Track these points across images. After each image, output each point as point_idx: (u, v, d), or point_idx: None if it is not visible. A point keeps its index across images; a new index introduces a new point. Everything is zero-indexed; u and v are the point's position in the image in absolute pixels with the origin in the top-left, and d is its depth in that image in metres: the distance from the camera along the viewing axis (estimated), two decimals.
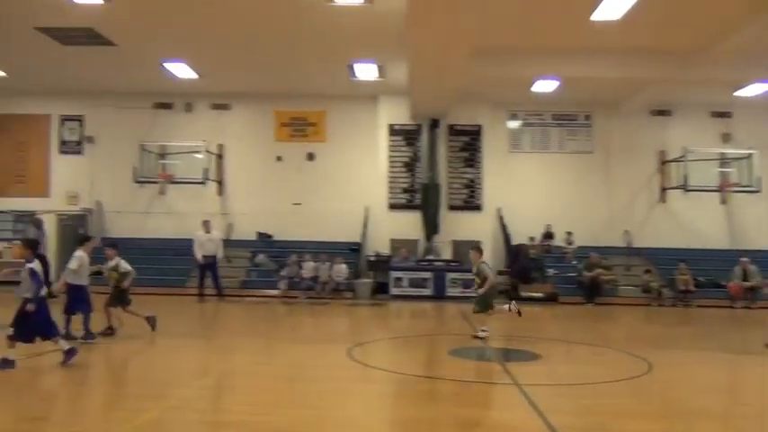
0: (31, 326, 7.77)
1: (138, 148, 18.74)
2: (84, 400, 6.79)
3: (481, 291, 10.54)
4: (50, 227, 19.38)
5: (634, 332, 13.27)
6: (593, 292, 17.01)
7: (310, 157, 20.24)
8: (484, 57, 14.85)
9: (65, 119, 20.67)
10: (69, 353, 7.84)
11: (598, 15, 12.89)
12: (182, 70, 17.42)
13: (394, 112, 19.66)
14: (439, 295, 17.42)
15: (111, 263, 10.72)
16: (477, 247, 11.20)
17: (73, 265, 9.68)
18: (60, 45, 15.27)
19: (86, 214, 20.27)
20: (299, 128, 20.39)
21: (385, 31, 13.89)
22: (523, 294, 17.32)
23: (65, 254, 19.57)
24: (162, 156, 19.19)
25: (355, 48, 15.39)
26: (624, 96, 18.94)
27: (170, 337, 10.90)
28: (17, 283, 7.95)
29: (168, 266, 18.01)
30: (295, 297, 16.90)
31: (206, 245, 16.35)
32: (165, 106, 20.32)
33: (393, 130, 19.79)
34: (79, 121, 20.63)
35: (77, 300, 9.78)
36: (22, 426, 5.68)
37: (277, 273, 17.71)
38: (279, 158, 20.25)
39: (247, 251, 19.25)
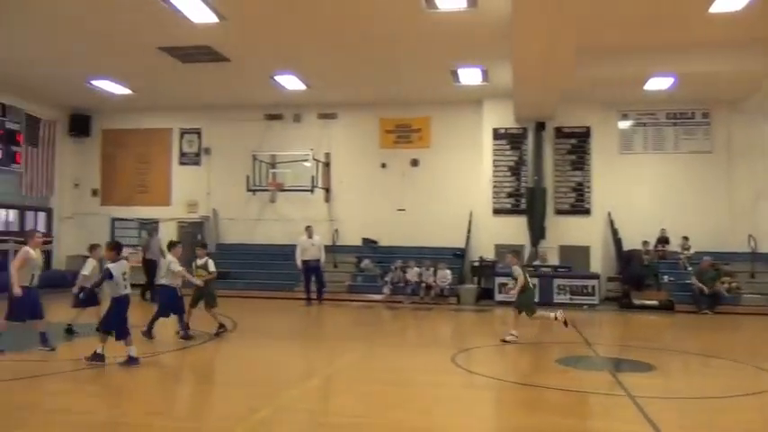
0: (111, 322, 8.30)
1: (250, 158, 19.61)
2: (199, 397, 7.19)
3: (513, 292, 11.27)
4: (171, 233, 20.81)
5: (759, 344, 12.35)
6: (712, 300, 15.98)
7: (414, 163, 20.38)
8: (592, 56, 14.39)
9: (184, 132, 21.99)
10: (132, 360, 8.25)
11: (717, 7, 12.16)
12: (291, 82, 18.08)
13: (498, 116, 19.42)
14: (546, 302, 16.95)
15: (201, 261, 11.33)
16: (514, 251, 12.06)
17: (163, 270, 10.60)
18: (180, 63, 16.26)
19: (203, 221, 21.44)
20: (404, 134, 20.59)
21: (489, 35, 13.77)
22: (636, 302, 16.58)
23: (185, 256, 20.89)
24: (272, 165, 19.99)
25: (459, 53, 15.36)
26: (746, 92, 17.70)
27: (277, 339, 11.33)
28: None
29: (278, 271, 18.70)
30: (399, 302, 17.05)
31: (309, 250, 16.77)
32: (276, 117, 21.15)
33: (497, 134, 19.55)
34: (197, 133, 21.89)
35: (169, 300, 10.50)
36: (147, 419, 6.10)
37: (381, 278, 17.94)
38: (383, 165, 20.52)
39: (353, 256, 19.64)
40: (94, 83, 18.43)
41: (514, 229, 18.95)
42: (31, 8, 12.91)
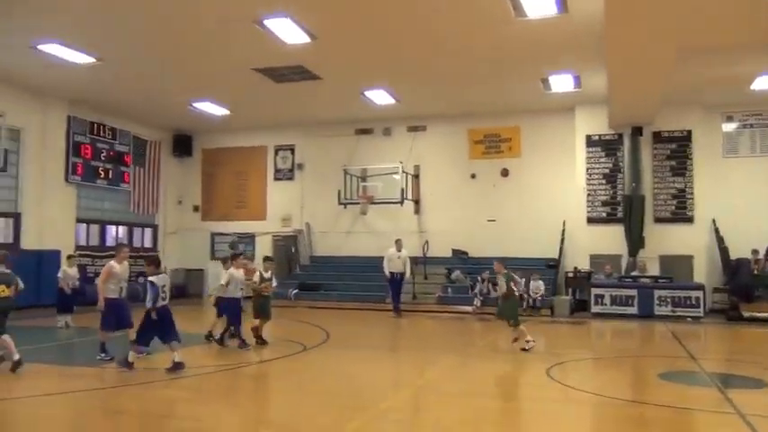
0: (154, 332, 8.73)
1: (341, 172, 20.02)
2: (295, 406, 7.34)
3: (500, 300, 11.33)
4: (267, 247, 21.58)
5: None
6: None
7: (504, 173, 20.13)
8: (692, 57, 13.73)
9: (278, 149, 22.75)
10: (177, 366, 8.59)
11: None
12: (380, 97, 18.35)
13: (591, 123, 18.87)
14: (645, 314, 16.27)
15: (267, 274, 11.53)
16: (500, 258, 12.18)
17: (223, 281, 10.84)
18: (274, 83, 16.87)
19: (297, 235, 22.05)
20: (493, 144, 20.40)
21: (581, 40, 13.45)
22: (746, 314, 15.60)
23: (280, 270, 21.64)
24: (363, 178, 20.32)
25: (550, 60, 15.08)
26: None
27: (368, 349, 11.45)
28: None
29: (369, 283, 18.93)
30: (491, 314, 16.79)
31: (395, 262, 17.03)
32: (366, 131, 21.52)
33: (591, 141, 19.00)
34: (291, 150, 22.59)
35: (227, 311, 10.81)
36: (248, 427, 6.32)
37: (472, 289, 17.78)
38: (473, 176, 20.40)
39: (443, 268, 19.59)
40: (195, 105, 19.44)
41: (611, 239, 18.32)
42: (137, 41, 13.83)
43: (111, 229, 21.22)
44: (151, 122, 21.68)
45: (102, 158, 20.02)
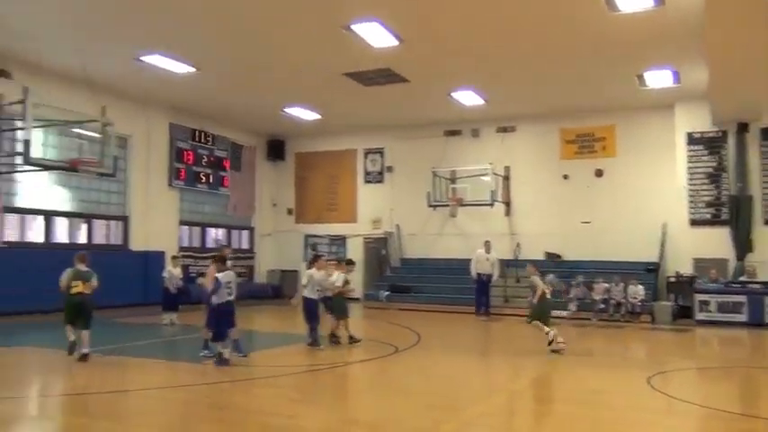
0: (226, 324, 9.17)
1: (430, 175, 19.99)
2: (386, 407, 7.39)
3: (534, 300, 11.29)
4: (358, 249, 21.92)
5: None
6: None
7: (599, 173, 19.48)
8: None
9: (368, 152, 23.03)
10: (222, 361, 8.96)
11: None
12: (469, 98, 18.21)
13: (692, 120, 17.93)
14: (756, 322, 15.27)
15: (350, 276, 11.96)
16: (533, 262, 12.76)
17: (303, 281, 11.19)
18: (363, 87, 17.10)
19: (387, 237, 22.23)
20: (586, 144, 19.79)
21: (680, 33, 12.83)
22: None
23: (370, 271, 21.99)
24: (452, 180, 20.23)
25: (646, 55, 14.48)
26: None
27: (459, 352, 11.38)
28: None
29: (458, 285, 18.78)
30: (586, 319, 16.31)
31: (483, 263, 17.01)
32: (455, 133, 21.41)
33: (692, 139, 18.05)
34: (380, 153, 22.82)
35: (306, 311, 11.06)
36: (343, 427, 6.42)
37: (566, 294, 17.29)
38: (565, 177, 19.87)
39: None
40: (288, 110, 20.00)
41: (716, 242, 17.33)
42: (232, 51, 14.39)
43: (211, 232, 22.17)
44: (246, 128, 22.50)
45: (203, 164, 20.97)
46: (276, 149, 23.93)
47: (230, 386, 8.17)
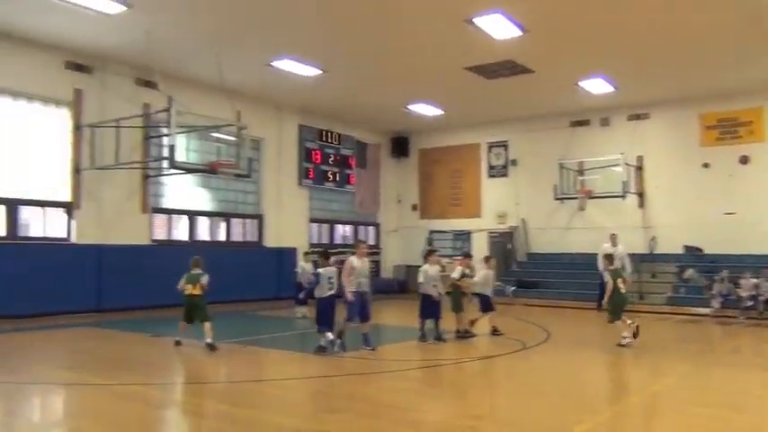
0: (331, 314, 9.72)
1: (557, 167, 19.42)
2: (518, 404, 7.29)
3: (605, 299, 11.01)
4: (482, 244, 21.73)
5: None
6: None
7: (744, 160, 18.03)
8: None
9: (491, 145, 22.76)
10: (321, 349, 9.58)
11: None
12: (597, 86, 17.49)
13: None
14: None
15: (467, 270, 11.79)
16: (608, 255, 12.54)
17: (420, 278, 11.21)
18: (485, 80, 16.90)
19: (512, 232, 21.86)
20: (729, 129, 18.38)
21: None
22: None
23: (496, 267, 21.60)
24: (580, 172, 19.54)
25: None
26: None
27: (590, 350, 10.99)
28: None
29: (588, 281, 18.01)
30: (732, 317, 15.17)
31: None
32: (582, 123, 20.66)
33: None
34: (504, 146, 22.47)
35: (424, 306, 11.11)
36: (472, 422, 6.43)
37: (708, 289, 16.18)
38: (705, 165, 18.57)
39: (673, 266, 18.11)
40: (411, 107, 20.20)
41: None
42: (356, 51, 14.76)
43: (339, 228, 22.87)
44: (371, 126, 22.99)
45: (330, 162, 21.67)
46: (400, 146, 24.26)
47: (360, 378, 8.41)
